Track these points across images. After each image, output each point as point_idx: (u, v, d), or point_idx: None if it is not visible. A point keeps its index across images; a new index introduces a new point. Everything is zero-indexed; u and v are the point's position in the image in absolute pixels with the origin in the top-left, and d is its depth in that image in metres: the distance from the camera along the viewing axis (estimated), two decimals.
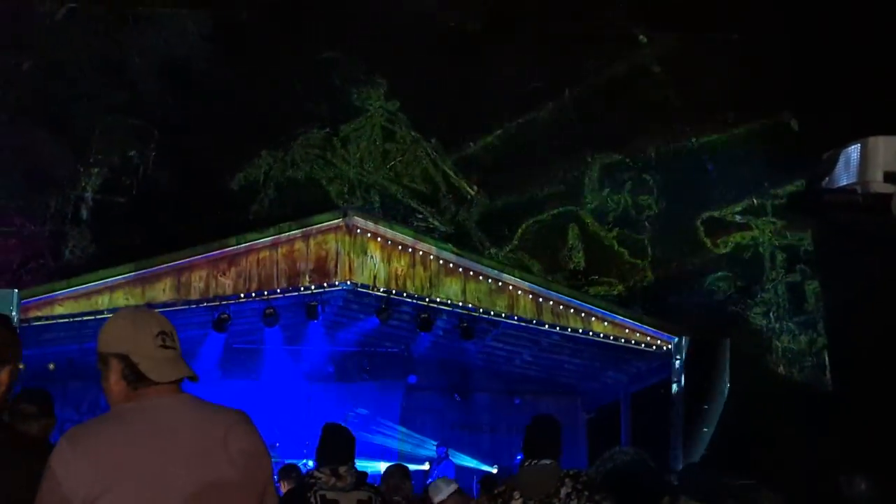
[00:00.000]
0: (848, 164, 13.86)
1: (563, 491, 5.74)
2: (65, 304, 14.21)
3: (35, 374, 15.23)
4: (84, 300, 14.22)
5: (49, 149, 18.60)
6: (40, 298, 14.09)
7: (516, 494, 5.89)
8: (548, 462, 5.91)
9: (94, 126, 20.11)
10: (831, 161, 14.40)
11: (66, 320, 14.17)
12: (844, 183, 14.15)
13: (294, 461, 13.87)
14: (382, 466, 16.39)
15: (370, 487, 5.89)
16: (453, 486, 6.56)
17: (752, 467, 11.86)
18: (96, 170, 20.29)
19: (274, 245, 15.03)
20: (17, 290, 13.61)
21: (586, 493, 5.72)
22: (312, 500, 5.41)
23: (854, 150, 13.81)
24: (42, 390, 5.65)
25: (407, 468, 9.53)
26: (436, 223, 21.86)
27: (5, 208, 18.89)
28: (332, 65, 21.35)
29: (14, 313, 13.22)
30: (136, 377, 3.02)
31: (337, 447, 5.70)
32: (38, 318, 14.10)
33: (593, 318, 15.85)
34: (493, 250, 21.22)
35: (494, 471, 17.14)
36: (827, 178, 14.54)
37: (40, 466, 2.91)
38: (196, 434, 3.02)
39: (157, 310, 13.67)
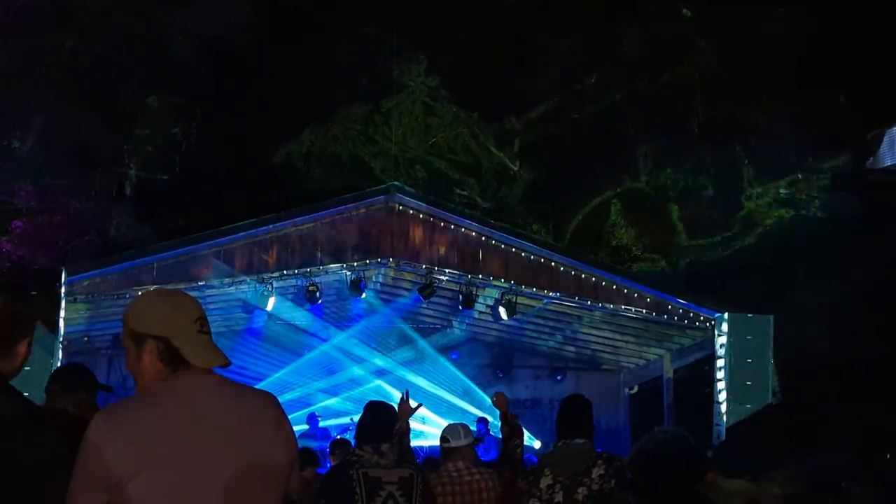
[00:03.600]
0: (892, 145, 13.78)
1: (596, 472, 5.76)
2: (110, 280, 14.35)
3: (80, 349, 15.44)
4: (129, 276, 14.36)
5: (93, 127, 18.72)
6: (86, 275, 14.23)
7: (547, 471, 5.92)
8: (581, 441, 5.94)
9: (138, 104, 20.25)
10: (875, 141, 14.32)
11: (112, 296, 14.31)
12: (888, 164, 14.09)
13: (342, 435, 13.99)
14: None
15: (412, 464, 5.90)
16: (471, 438, 6.58)
17: (797, 441, 11.80)
18: (140, 147, 20.45)
19: (317, 221, 15.08)
20: (63, 267, 13.74)
21: (614, 480, 5.72)
22: (355, 477, 5.43)
23: None
24: (74, 366, 5.50)
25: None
26: (478, 199, 21.84)
27: (50, 186, 19.07)
28: (373, 41, 21.35)
29: (62, 289, 13.37)
30: (174, 360, 3.05)
31: (380, 425, 5.71)
32: (84, 295, 14.25)
33: (636, 295, 15.78)
34: (535, 226, 21.19)
35: (537, 446, 17.14)
36: (871, 159, 14.47)
37: (74, 442, 2.92)
38: (232, 415, 3.06)
39: (200, 286, 13.85)
